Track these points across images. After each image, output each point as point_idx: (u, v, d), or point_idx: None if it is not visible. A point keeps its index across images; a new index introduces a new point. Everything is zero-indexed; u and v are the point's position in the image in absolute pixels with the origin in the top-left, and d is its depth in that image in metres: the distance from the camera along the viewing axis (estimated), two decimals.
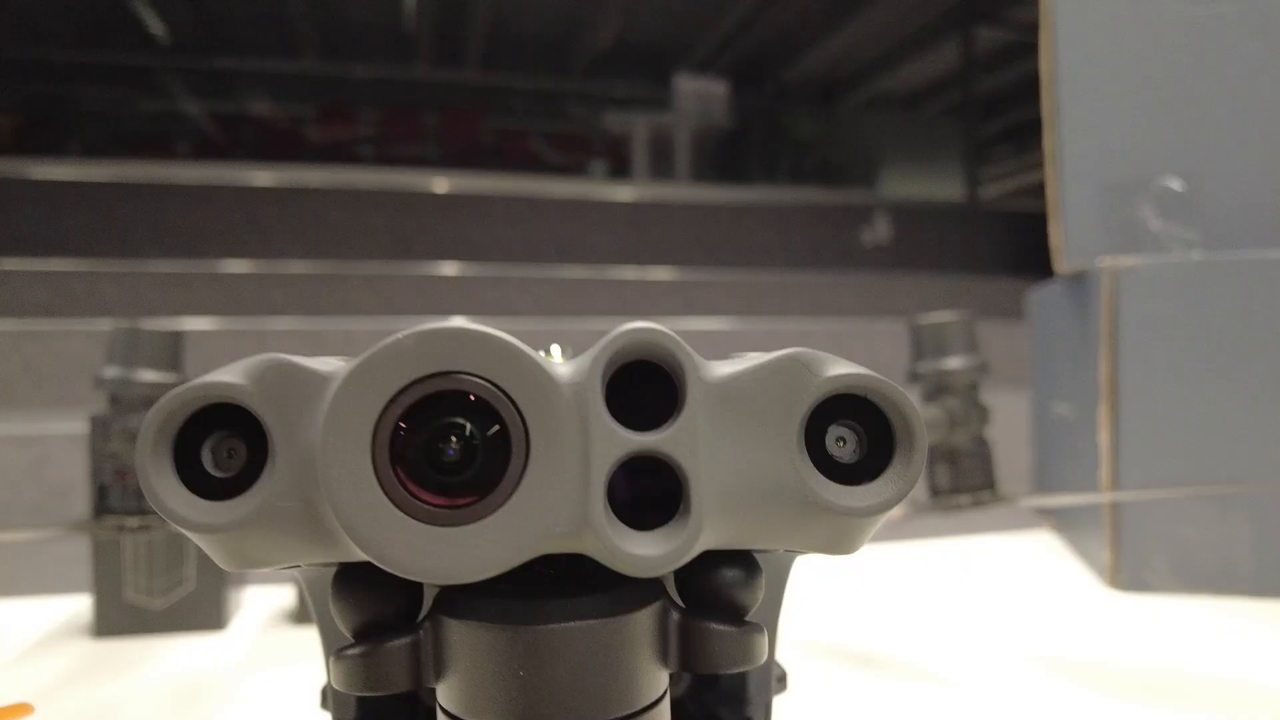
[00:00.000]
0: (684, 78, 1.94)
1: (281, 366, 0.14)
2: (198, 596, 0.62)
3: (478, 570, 0.13)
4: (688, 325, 1.78)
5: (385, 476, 0.13)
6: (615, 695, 0.15)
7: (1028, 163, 2.09)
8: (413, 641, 0.15)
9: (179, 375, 0.54)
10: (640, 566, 0.14)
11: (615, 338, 0.14)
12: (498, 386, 0.13)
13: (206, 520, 0.13)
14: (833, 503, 0.15)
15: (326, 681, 0.26)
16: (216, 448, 0.14)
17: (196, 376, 0.13)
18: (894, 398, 0.15)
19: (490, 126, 1.84)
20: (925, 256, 1.95)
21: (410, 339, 0.13)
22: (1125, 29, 0.67)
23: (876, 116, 2.09)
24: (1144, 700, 0.47)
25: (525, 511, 0.13)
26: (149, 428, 0.13)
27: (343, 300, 1.63)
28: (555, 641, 0.14)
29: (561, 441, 0.13)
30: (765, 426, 0.15)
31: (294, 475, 0.13)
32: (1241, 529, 0.62)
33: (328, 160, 1.73)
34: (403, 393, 0.13)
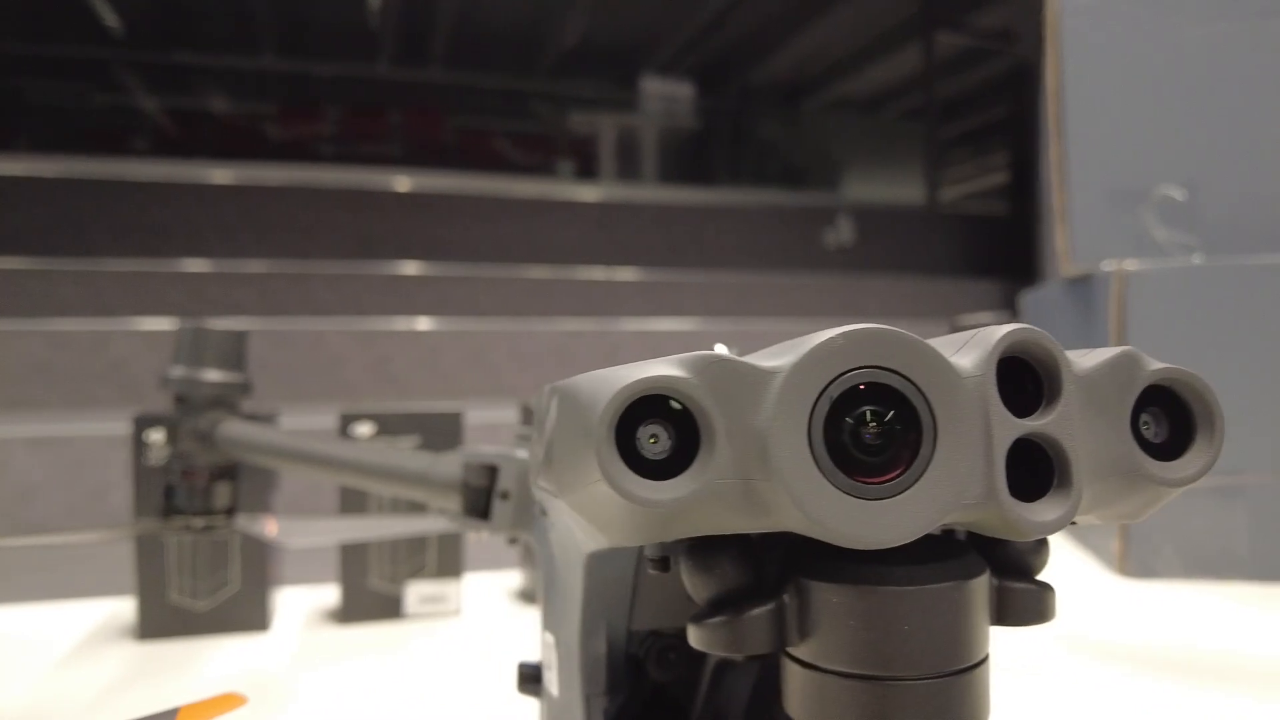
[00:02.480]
0: (650, 79, 1.95)
1: (724, 362, 0.16)
2: (242, 597, 0.60)
3: (898, 536, 0.15)
4: (655, 326, 1.79)
5: (820, 456, 0.15)
6: (966, 647, 0.17)
7: (986, 166, 2.14)
8: (776, 607, 0.17)
9: (243, 375, 0.53)
10: (1035, 530, 0.16)
11: (1005, 336, 0.16)
12: (908, 379, 0.15)
13: (656, 497, 0.15)
14: (1156, 474, 0.17)
15: (522, 667, 0.27)
16: (640, 433, 0.16)
17: (240, 376, 0.13)
18: (1198, 387, 0.18)
19: (455, 125, 1.82)
20: (887, 258, 1.99)
21: (839, 338, 0.15)
22: (1129, 45, 0.69)
23: (839, 120, 2.12)
24: (1158, 676, 0.48)
25: (938, 486, 0.15)
26: (605, 414, 0.15)
27: (306, 299, 1.60)
28: (938, 600, 0.17)
29: (967, 426, 0.16)
30: (1105, 411, 0.17)
31: (734, 456, 0.15)
32: (1240, 519, 0.65)
33: (289, 158, 1.69)
34: (831, 384, 0.15)
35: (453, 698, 0.49)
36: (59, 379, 1.29)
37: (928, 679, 0.17)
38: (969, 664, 0.17)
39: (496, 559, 0.76)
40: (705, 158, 2.02)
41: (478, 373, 1.63)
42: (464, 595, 0.66)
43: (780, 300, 1.88)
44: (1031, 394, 0.17)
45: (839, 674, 0.17)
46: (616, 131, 1.92)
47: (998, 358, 0.16)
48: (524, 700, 0.48)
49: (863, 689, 0.17)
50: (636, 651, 0.26)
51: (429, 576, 0.65)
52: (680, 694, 0.26)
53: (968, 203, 2.13)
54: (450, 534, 0.65)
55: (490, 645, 0.58)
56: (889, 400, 0.16)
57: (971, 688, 0.17)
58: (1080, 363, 0.17)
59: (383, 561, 0.64)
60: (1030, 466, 0.17)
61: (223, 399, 0.52)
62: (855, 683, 0.17)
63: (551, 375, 1.32)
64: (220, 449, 0.51)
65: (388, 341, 1.58)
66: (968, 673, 0.17)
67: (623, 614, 0.25)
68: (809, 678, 0.17)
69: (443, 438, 0.65)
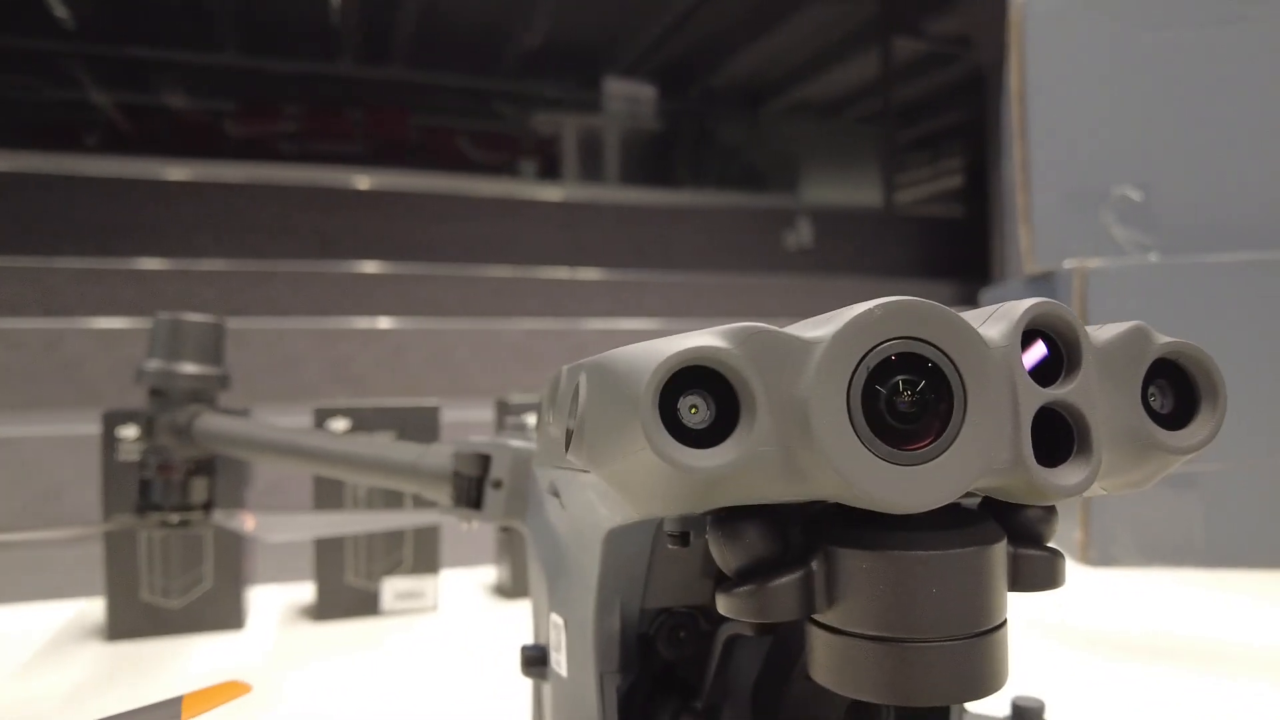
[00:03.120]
0: (613, 80, 1.96)
1: (765, 333, 0.16)
2: (216, 595, 0.59)
3: (933, 500, 0.16)
4: (619, 325, 1.79)
5: (859, 424, 0.16)
6: (989, 610, 0.18)
7: (942, 170, 2.19)
8: (804, 575, 0.18)
9: (221, 368, 0.52)
10: (1060, 494, 0.17)
11: (1029, 309, 0.17)
12: (940, 349, 0.16)
13: (701, 464, 0.16)
14: (1165, 443, 0.18)
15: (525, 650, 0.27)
16: (680, 403, 0.16)
17: (218, 369, 0.13)
18: (1203, 360, 0.19)
19: (417, 124, 1.81)
20: (845, 260, 2.02)
21: (878, 310, 0.16)
22: (1089, 50, 0.72)
23: (799, 123, 2.14)
24: (1122, 658, 0.50)
25: (969, 452, 0.16)
26: (651, 384, 0.16)
27: (266, 298, 1.58)
28: (964, 564, 0.17)
29: (995, 394, 0.16)
30: (1118, 382, 0.18)
31: (775, 424, 0.16)
32: (1195, 509, 0.67)
33: (249, 156, 1.66)
34: (869, 354, 0.16)
35: (435, 693, 0.49)
36: (9, 379, 1.25)
37: (954, 640, 0.17)
38: (991, 626, 0.18)
39: (472, 555, 0.76)
40: (668, 159, 2.04)
41: (441, 372, 1.62)
42: (441, 591, 0.66)
43: (741, 300, 1.90)
44: (1051, 365, 0.18)
45: (867, 638, 0.17)
46: (579, 132, 1.92)
47: (1023, 329, 0.17)
48: (507, 693, 0.48)
49: (891, 651, 0.17)
50: (646, 630, 0.26)
51: (406, 572, 0.64)
52: (688, 672, 0.27)
53: (924, 205, 2.17)
54: (427, 529, 0.65)
55: (469, 640, 0.58)
56: (920, 370, 0.16)
57: (993, 649, 0.18)
58: (1096, 335, 0.18)
59: (359, 558, 0.63)
60: (1048, 435, 0.18)
61: (200, 392, 0.52)
62: (883, 645, 0.17)
63: (516, 375, 1.32)
64: (198, 443, 0.51)
65: (349, 341, 1.57)
66: (990, 634, 0.18)
67: (636, 592, 0.25)
68: (836, 643, 0.18)
69: (419, 433, 0.65)
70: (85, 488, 1.08)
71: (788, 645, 0.25)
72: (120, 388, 1.29)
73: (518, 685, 0.48)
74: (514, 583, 0.68)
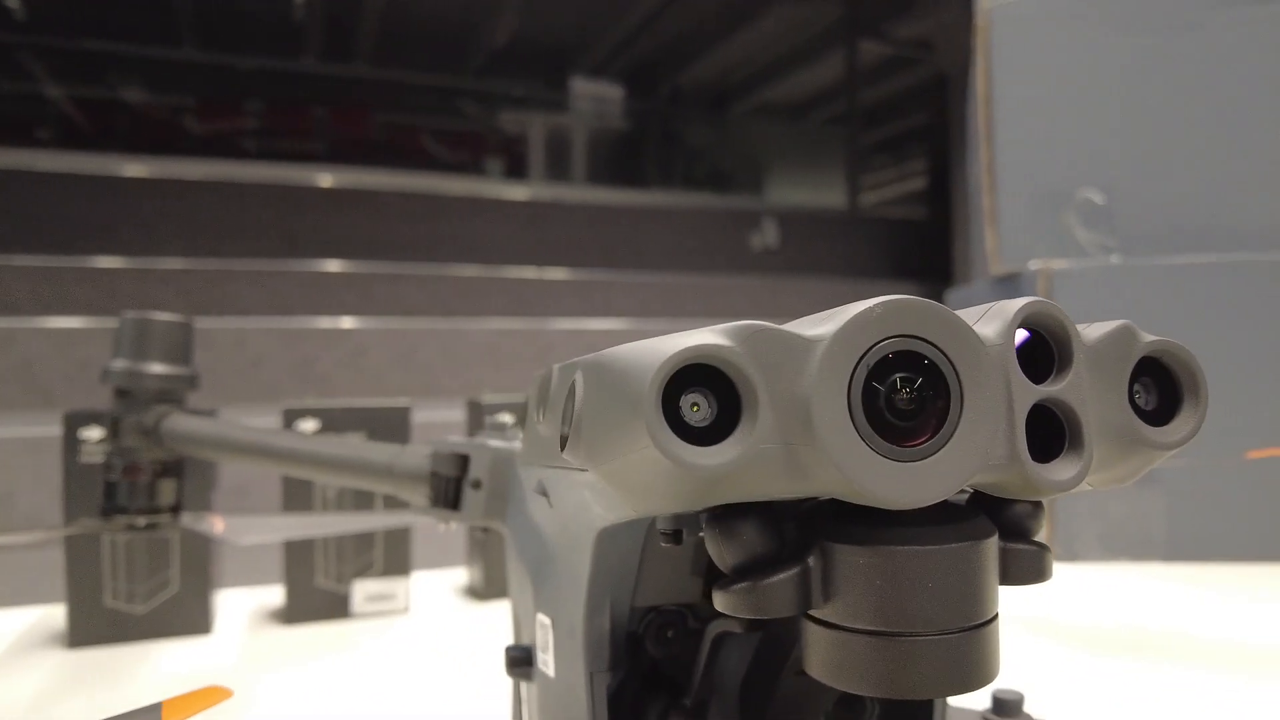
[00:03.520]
0: (579, 80, 1.95)
1: (766, 331, 0.16)
2: (183, 599, 0.58)
3: (931, 496, 0.16)
4: (587, 325, 1.79)
5: (859, 421, 0.16)
6: (982, 603, 0.18)
7: (905, 172, 2.21)
8: (800, 571, 0.18)
9: (189, 367, 0.51)
10: (1054, 489, 0.17)
11: (1022, 308, 0.17)
12: (937, 347, 0.16)
13: (703, 462, 0.16)
14: (1151, 439, 0.19)
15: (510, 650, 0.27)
16: (682, 401, 0.16)
17: (187, 369, 0.12)
18: (1186, 358, 0.19)
19: (382, 122, 1.79)
20: (810, 261, 2.03)
21: (878, 308, 0.16)
22: (1055, 55, 0.73)
23: (764, 125, 2.16)
24: (1088, 649, 0.51)
25: (966, 448, 0.16)
26: (654, 382, 0.16)
27: (227, 298, 1.55)
28: (958, 558, 0.18)
29: (990, 391, 0.17)
30: (1106, 379, 0.18)
31: (776, 421, 0.16)
32: (1157, 504, 0.69)
33: (210, 153, 1.64)
34: (868, 352, 0.16)
35: (411, 696, 0.48)
36: None
37: (948, 634, 0.18)
38: (984, 619, 0.18)
39: (444, 557, 0.76)
40: (635, 160, 2.04)
41: (406, 372, 1.61)
42: (412, 593, 0.65)
43: (708, 301, 1.90)
44: (1042, 363, 0.18)
45: (863, 632, 0.18)
46: (546, 131, 1.92)
47: (1016, 327, 0.17)
48: (483, 695, 0.48)
49: (887, 645, 0.17)
50: (635, 629, 0.26)
51: (376, 574, 0.64)
52: (675, 670, 0.27)
53: (888, 207, 2.19)
54: (398, 531, 0.64)
55: (442, 642, 0.58)
56: (917, 368, 0.16)
57: (986, 641, 0.18)
58: (1086, 334, 0.18)
59: (329, 560, 0.62)
60: (1040, 431, 0.18)
61: (169, 393, 0.51)
62: (879, 640, 0.17)
63: (483, 375, 1.32)
64: (166, 444, 0.50)
65: (312, 341, 1.54)
66: (983, 627, 0.18)
67: (626, 591, 0.25)
68: (832, 638, 0.18)
69: (389, 434, 0.64)
70: (39, 491, 1.06)
71: (776, 642, 0.25)
72: (76, 389, 1.26)
73: (494, 687, 0.48)
74: (486, 584, 0.67)
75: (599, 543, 0.23)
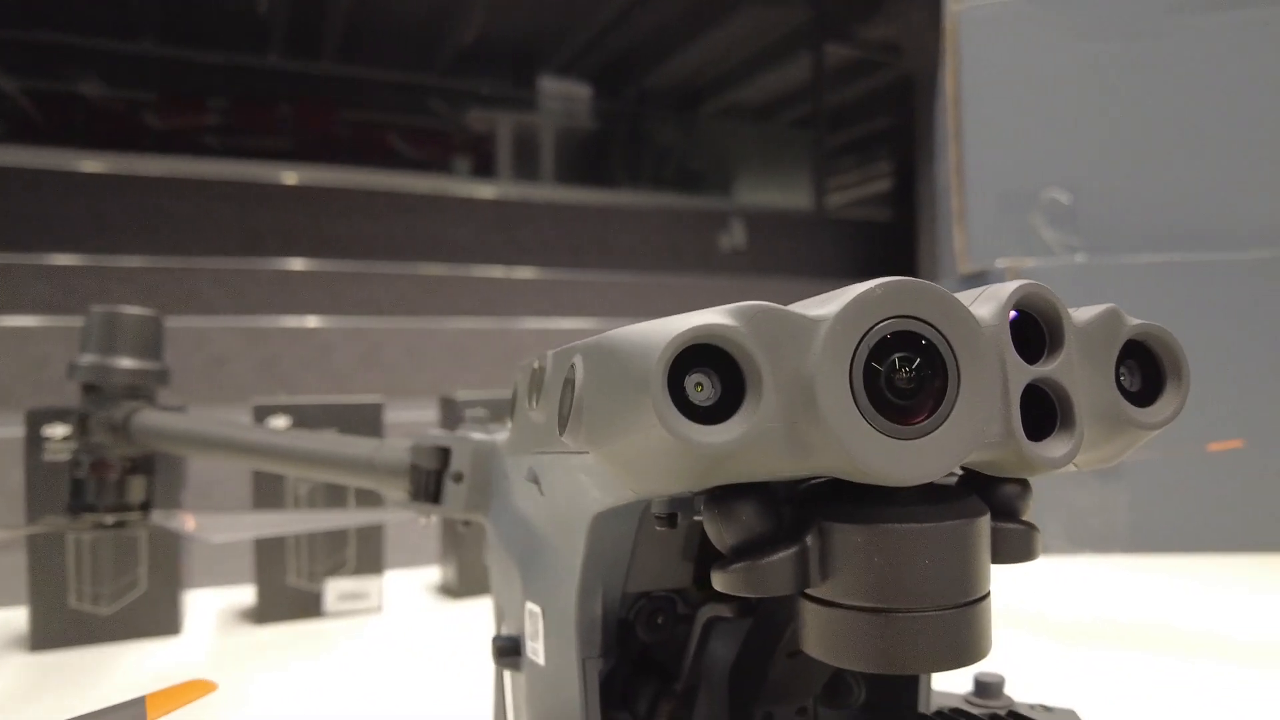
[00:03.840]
0: (547, 79, 1.95)
1: (771, 311, 0.16)
2: (151, 599, 0.57)
3: (929, 473, 0.16)
4: (555, 325, 1.79)
5: (860, 399, 0.16)
6: (976, 580, 0.19)
7: (871, 174, 2.24)
8: (799, 550, 0.18)
9: (160, 362, 0.50)
10: (1048, 465, 0.18)
11: (1016, 290, 0.18)
12: (935, 328, 0.16)
13: (710, 440, 0.16)
14: (1137, 419, 0.19)
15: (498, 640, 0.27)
16: (686, 381, 0.16)
17: (157, 364, 0.12)
18: (1169, 341, 0.20)
19: (347, 119, 1.77)
20: (778, 261, 2.05)
21: (878, 289, 0.16)
22: (1022, 58, 0.75)
23: (732, 126, 2.17)
24: (1058, 637, 0.52)
25: (963, 426, 0.17)
26: (661, 361, 0.16)
27: (188, 296, 1.53)
28: (954, 535, 0.18)
29: (986, 371, 0.17)
30: (1094, 361, 0.19)
31: (780, 400, 0.16)
32: (1121, 497, 0.70)
33: (171, 149, 1.61)
34: (869, 332, 0.16)
35: (387, 694, 0.48)
36: None
37: (943, 610, 0.18)
38: (978, 596, 0.18)
39: (417, 555, 0.75)
40: (603, 159, 2.04)
41: (372, 372, 1.59)
42: (385, 592, 0.65)
43: (676, 300, 1.91)
44: (1031, 344, 0.18)
45: (861, 609, 0.18)
46: (514, 130, 1.91)
47: (1011, 309, 0.18)
48: (460, 693, 0.47)
49: (885, 622, 0.18)
50: (625, 615, 0.26)
51: (349, 573, 0.63)
52: (664, 656, 0.27)
53: (854, 209, 2.22)
54: (371, 529, 0.64)
55: (417, 641, 0.57)
56: (915, 348, 0.17)
57: (980, 618, 0.18)
58: (1076, 317, 0.19)
59: (300, 558, 0.62)
60: (1031, 411, 0.18)
61: (139, 388, 0.50)
62: (877, 616, 0.18)
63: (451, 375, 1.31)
64: (136, 441, 0.49)
65: (276, 340, 1.52)
66: (977, 604, 0.18)
67: (619, 577, 0.25)
68: (830, 615, 0.18)
69: (361, 431, 0.63)
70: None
71: (768, 625, 0.26)
72: (31, 388, 1.23)
73: (471, 684, 0.48)
74: (460, 582, 0.67)
75: (593, 528, 0.23)
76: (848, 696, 0.27)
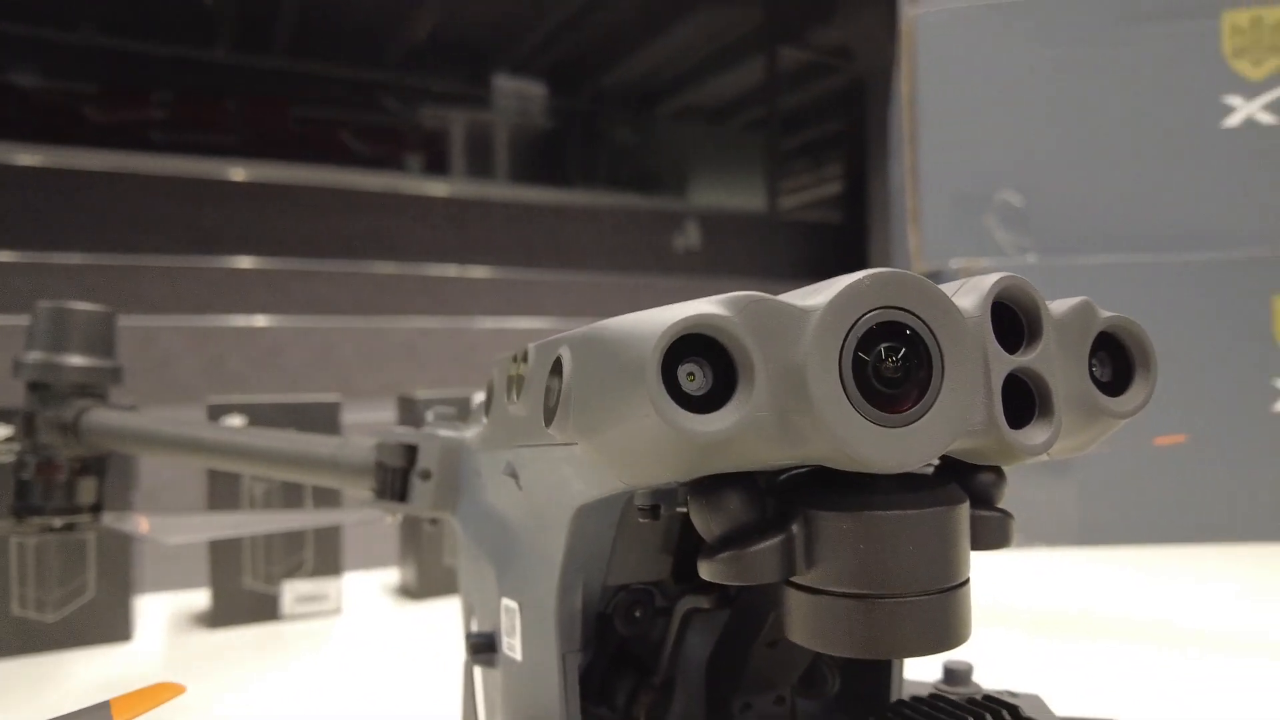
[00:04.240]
0: (502, 77, 1.94)
1: (762, 301, 0.17)
2: (100, 605, 0.55)
3: (915, 460, 0.17)
4: (510, 324, 1.78)
5: (850, 388, 0.16)
6: (957, 566, 0.19)
7: (822, 177, 2.26)
8: (785, 538, 0.19)
9: (113, 360, 0.48)
10: (1028, 453, 0.18)
11: (997, 282, 0.18)
12: (920, 318, 0.17)
13: (703, 429, 0.16)
14: (1109, 408, 0.20)
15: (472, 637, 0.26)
16: (679, 371, 0.16)
17: (110, 361, 0.11)
18: (1138, 333, 0.20)
19: (298, 116, 1.74)
20: (731, 261, 2.06)
21: (867, 280, 0.16)
22: (976, 62, 0.76)
23: (687, 128, 2.18)
24: (1017, 628, 0.53)
25: (947, 414, 0.17)
26: (656, 350, 0.16)
27: (132, 294, 1.49)
28: (937, 522, 0.19)
29: (969, 361, 0.17)
30: (1069, 351, 0.20)
31: (772, 389, 0.16)
32: (1069, 491, 0.72)
33: (112, 143, 1.56)
34: (858, 322, 0.16)
35: (351, 696, 0.47)
36: None
37: (926, 595, 0.18)
38: (959, 581, 0.19)
39: (374, 557, 0.74)
40: (558, 159, 2.03)
41: (323, 372, 1.57)
42: (344, 593, 0.64)
43: (631, 300, 1.91)
44: (1011, 336, 0.19)
45: (847, 595, 0.18)
46: (467, 128, 1.90)
47: (992, 300, 0.18)
48: (424, 696, 0.47)
49: (870, 608, 0.18)
50: (603, 609, 0.26)
51: (307, 575, 0.62)
52: (642, 649, 0.27)
53: (806, 210, 2.24)
54: (329, 530, 0.63)
55: (379, 643, 0.56)
56: (900, 338, 0.17)
57: (961, 603, 0.19)
58: (1053, 310, 0.19)
59: (257, 560, 0.61)
60: (1010, 401, 0.19)
61: (90, 386, 0.48)
62: (862, 603, 0.18)
63: (404, 375, 1.30)
64: (86, 440, 0.47)
65: (223, 339, 1.49)
66: (958, 589, 0.19)
67: (599, 570, 0.25)
68: (815, 603, 0.19)
69: (318, 430, 0.62)
70: None
71: (746, 617, 0.26)
72: None
73: (435, 686, 0.47)
74: (420, 584, 0.66)
75: (575, 521, 0.23)
76: (823, 686, 0.27)
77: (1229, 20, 0.74)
